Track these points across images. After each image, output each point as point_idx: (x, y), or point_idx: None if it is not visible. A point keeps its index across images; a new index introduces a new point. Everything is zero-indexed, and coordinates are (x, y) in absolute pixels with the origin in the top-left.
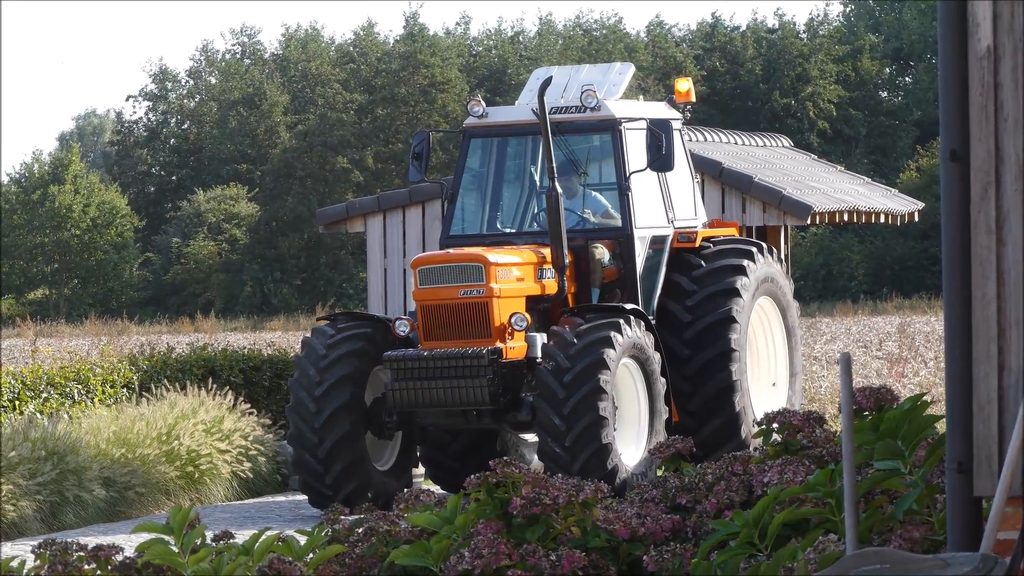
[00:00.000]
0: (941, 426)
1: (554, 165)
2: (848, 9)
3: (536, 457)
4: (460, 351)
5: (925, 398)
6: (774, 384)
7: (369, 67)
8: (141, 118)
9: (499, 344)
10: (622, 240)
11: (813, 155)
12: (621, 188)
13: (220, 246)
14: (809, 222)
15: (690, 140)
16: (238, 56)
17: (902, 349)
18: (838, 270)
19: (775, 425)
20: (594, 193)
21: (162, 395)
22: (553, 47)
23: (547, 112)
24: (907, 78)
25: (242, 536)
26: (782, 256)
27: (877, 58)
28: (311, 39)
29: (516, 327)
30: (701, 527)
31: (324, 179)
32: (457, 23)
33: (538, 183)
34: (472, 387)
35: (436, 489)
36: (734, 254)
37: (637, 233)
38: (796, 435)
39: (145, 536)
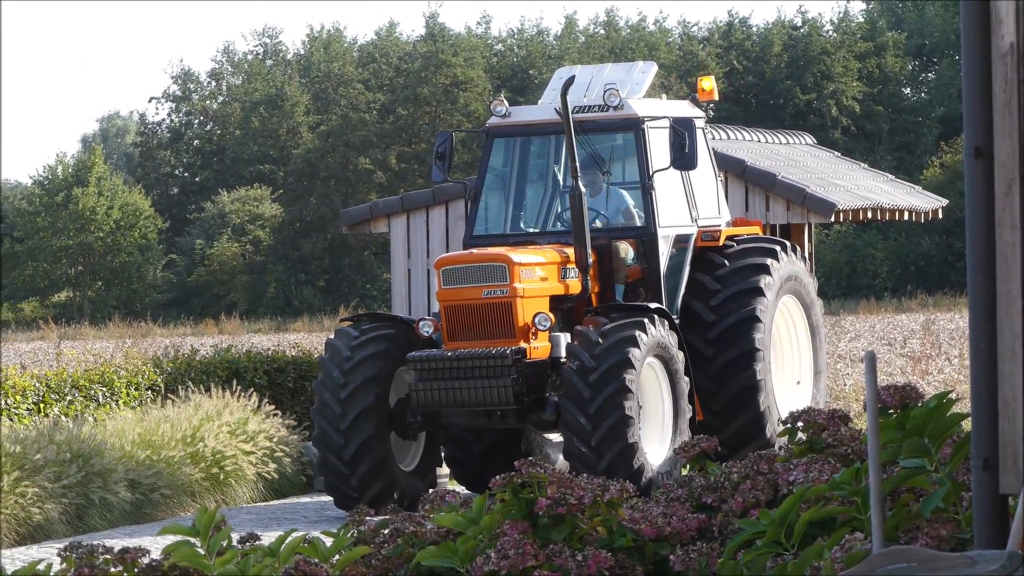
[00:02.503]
0: (967, 424)
1: (577, 164)
2: (870, 6)
3: (561, 457)
4: (484, 351)
5: (950, 396)
6: (798, 383)
7: (391, 67)
8: (164, 119)
9: (523, 344)
10: (646, 239)
11: (837, 152)
12: (644, 187)
13: (244, 247)
14: (833, 220)
15: (713, 138)
16: (260, 57)
17: (926, 347)
18: (862, 268)
19: (800, 424)
20: (620, 191)
21: (187, 397)
22: (575, 46)
23: (570, 111)
24: (930, 75)
25: (268, 538)
26: (806, 254)
27: (900, 55)
28: (333, 40)
29: (540, 327)
30: (727, 526)
31: (347, 180)
32: (478, 22)
33: (561, 182)
34: (496, 387)
35: (461, 489)
36: (758, 253)
37: (661, 232)
38: (821, 433)
39: (171, 538)
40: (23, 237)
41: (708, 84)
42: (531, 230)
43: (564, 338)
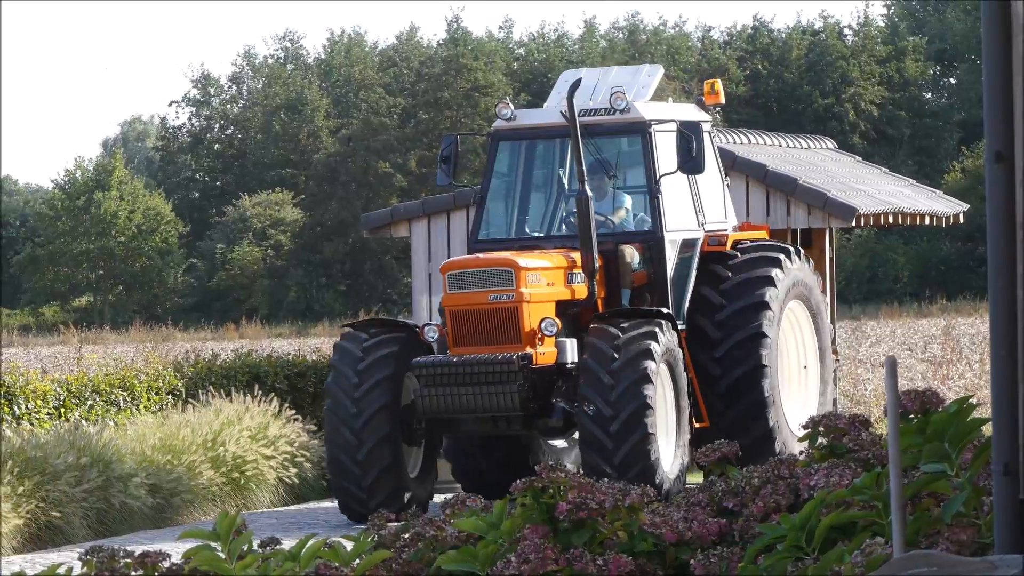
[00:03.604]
0: (988, 429)
1: (584, 168)
2: (891, 11)
3: (567, 464)
4: (490, 357)
5: (971, 401)
6: (805, 367)
7: (412, 71)
8: (185, 124)
9: (529, 350)
10: (653, 244)
11: (858, 157)
12: (651, 191)
13: (265, 252)
14: (854, 224)
15: (734, 143)
16: (281, 61)
17: (947, 351)
18: (883, 272)
19: (821, 428)
20: (624, 195)
21: (207, 402)
22: (596, 50)
23: (576, 115)
24: (951, 79)
25: (289, 542)
26: (828, 258)
27: (920, 59)
28: (354, 44)
29: (546, 332)
30: (748, 530)
31: (367, 184)
32: (500, 27)
33: (566, 186)
34: (503, 393)
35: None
36: (762, 263)
37: (668, 237)
38: (842, 438)
39: (192, 542)
40: (44, 241)
41: (715, 87)
42: (536, 234)
43: (570, 343)
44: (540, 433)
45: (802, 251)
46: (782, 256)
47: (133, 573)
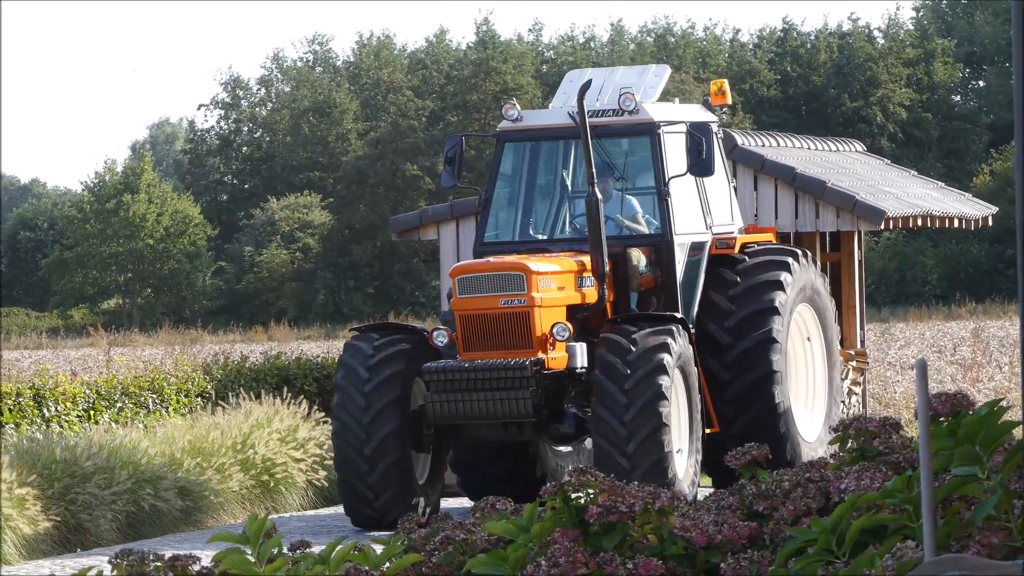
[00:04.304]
0: (1019, 432)
1: (593, 170)
2: (920, 14)
3: (571, 468)
4: (503, 362)
5: (1001, 403)
6: (812, 344)
7: (441, 74)
8: (213, 126)
9: (541, 355)
10: (662, 247)
11: (886, 160)
12: (660, 193)
13: (293, 255)
14: (883, 227)
15: (763, 145)
16: (309, 64)
17: (976, 354)
18: (911, 275)
19: (852, 431)
20: (630, 198)
21: (237, 404)
22: (625, 52)
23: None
24: (979, 82)
25: (318, 546)
26: (856, 261)
27: (949, 62)
28: (383, 47)
29: (558, 337)
30: (778, 534)
31: (396, 186)
32: (529, 29)
33: (569, 188)
34: (515, 399)
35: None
36: (771, 267)
37: (677, 240)
38: (872, 441)
39: (221, 546)
40: (73, 244)
41: (721, 88)
42: (541, 237)
43: (580, 348)
44: (551, 440)
45: (808, 253)
46: (790, 260)
47: None
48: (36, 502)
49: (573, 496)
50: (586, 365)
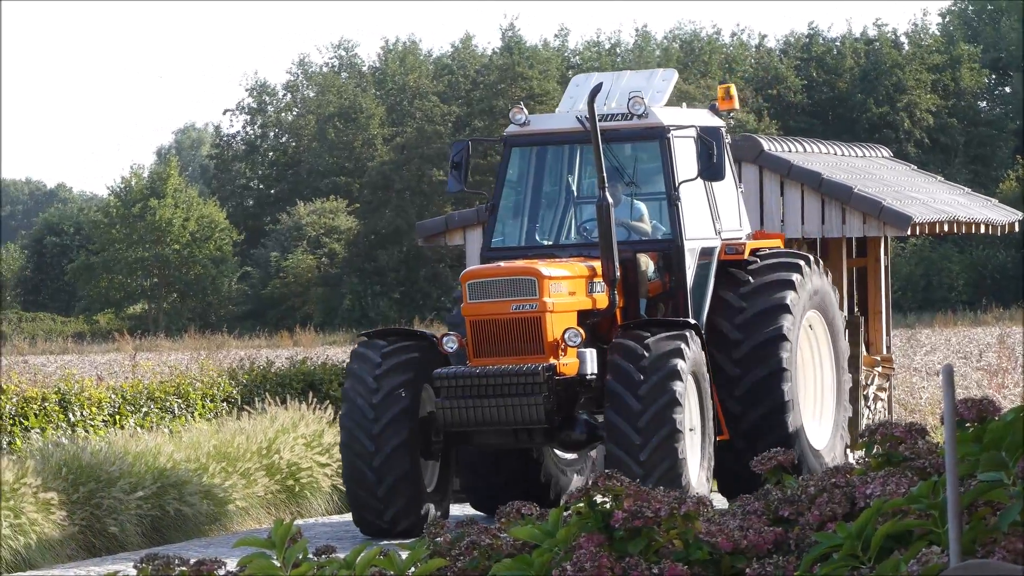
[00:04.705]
0: None
1: (604, 175)
2: (946, 20)
3: (576, 476)
4: (515, 368)
5: None
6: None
7: (467, 80)
8: (239, 132)
9: (553, 361)
10: (672, 252)
11: (913, 165)
12: (671, 198)
13: (319, 260)
14: (909, 233)
15: (790, 151)
16: (335, 70)
17: (1002, 360)
18: (938, 281)
19: (877, 436)
20: (637, 203)
21: (262, 409)
22: (652, 59)
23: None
24: (1006, 88)
25: (343, 551)
26: (883, 267)
27: (975, 68)
28: (409, 52)
29: (570, 343)
30: (804, 539)
31: (422, 192)
32: (555, 35)
33: (575, 193)
34: (528, 405)
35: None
36: (783, 268)
37: (687, 245)
38: (898, 447)
39: (247, 550)
40: (99, 249)
41: (729, 92)
42: (547, 243)
43: (590, 354)
44: (562, 447)
45: (820, 261)
46: (802, 263)
47: None
48: (61, 507)
49: (599, 501)
50: (596, 371)
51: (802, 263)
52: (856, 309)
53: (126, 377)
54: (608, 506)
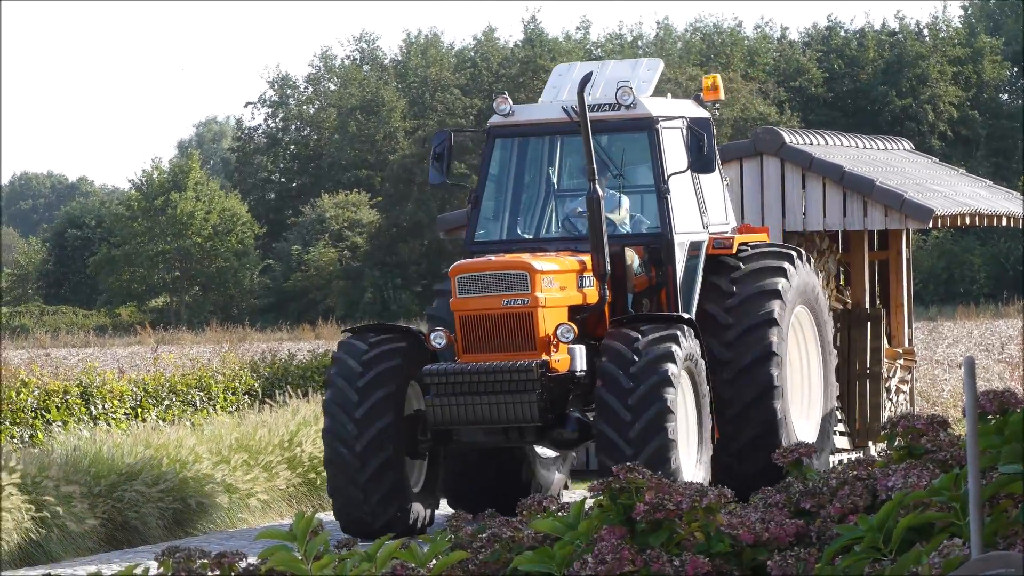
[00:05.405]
0: None
1: (595, 166)
2: (968, 12)
3: (557, 474)
4: (508, 364)
5: None
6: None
7: (490, 72)
8: (261, 125)
9: (545, 357)
10: (662, 246)
11: (935, 158)
12: (660, 191)
13: (341, 253)
14: (931, 225)
15: (811, 144)
16: (357, 62)
17: None
18: (959, 273)
19: (899, 429)
20: (621, 196)
21: (284, 402)
22: (674, 50)
23: (587, 110)
24: None
25: (364, 543)
26: (904, 259)
27: (998, 61)
28: (431, 45)
29: (562, 339)
30: (825, 532)
31: (443, 185)
32: (577, 27)
33: (555, 185)
34: (520, 403)
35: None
36: (773, 256)
37: (677, 239)
38: (920, 439)
39: (268, 543)
40: (120, 242)
41: (714, 83)
42: (528, 236)
43: (579, 350)
44: (553, 445)
45: (806, 254)
46: (793, 254)
47: (210, 573)
48: (83, 499)
49: (620, 494)
50: (585, 368)
51: (793, 254)
52: (878, 302)
53: (148, 370)
54: (629, 499)
